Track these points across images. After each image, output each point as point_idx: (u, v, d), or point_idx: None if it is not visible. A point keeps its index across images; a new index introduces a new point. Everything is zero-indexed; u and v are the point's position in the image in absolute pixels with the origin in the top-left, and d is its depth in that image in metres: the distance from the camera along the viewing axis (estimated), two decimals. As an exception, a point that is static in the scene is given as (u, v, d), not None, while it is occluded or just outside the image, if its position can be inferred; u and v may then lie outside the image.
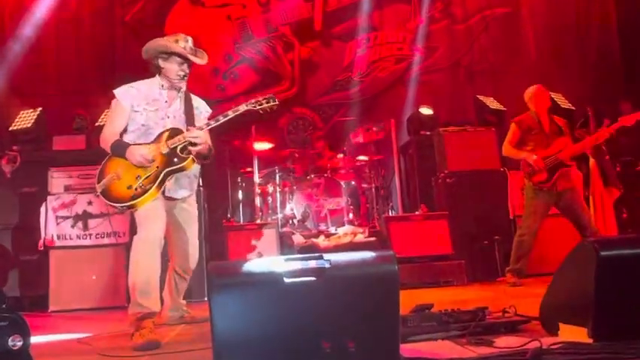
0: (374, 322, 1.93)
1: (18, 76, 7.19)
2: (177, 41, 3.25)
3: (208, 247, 5.37)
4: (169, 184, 3.19)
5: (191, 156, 3.11)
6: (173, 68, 3.25)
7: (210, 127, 3.18)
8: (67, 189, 5.36)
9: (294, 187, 6.24)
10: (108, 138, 3.16)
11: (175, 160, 3.09)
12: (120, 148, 3.10)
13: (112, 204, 3.08)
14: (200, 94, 7.76)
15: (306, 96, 8.08)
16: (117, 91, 3.24)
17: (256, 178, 6.27)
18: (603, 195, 5.82)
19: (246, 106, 3.19)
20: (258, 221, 5.94)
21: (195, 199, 3.49)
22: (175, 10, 7.93)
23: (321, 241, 5.45)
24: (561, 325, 2.25)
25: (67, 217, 5.22)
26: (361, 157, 6.79)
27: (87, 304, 5.07)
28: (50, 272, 5.11)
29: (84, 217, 5.24)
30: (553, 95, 5.59)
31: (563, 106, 6.65)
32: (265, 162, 6.69)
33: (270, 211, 6.35)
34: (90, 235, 5.22)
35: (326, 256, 2.03)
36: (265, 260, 2.01)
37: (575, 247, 2.19)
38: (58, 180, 5.38)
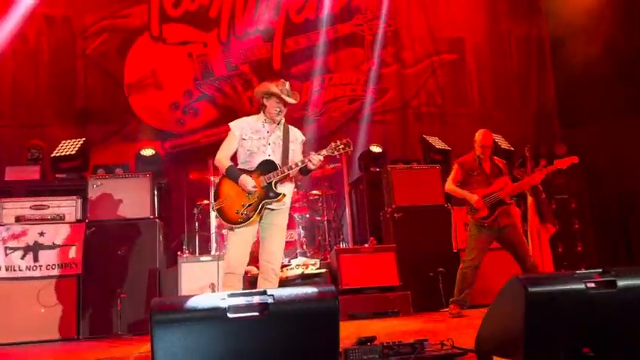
0: (315, 358, 1.90)
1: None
2: (277, 85, 3.77)
3: (160, 280, 5.23)
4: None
5: (283, 192, 3.62)
6: (272, 105, 3.75)
7: (298, 167, 3.58)
8: (19, 220, 5.14)
9: (249, 220, 6.17)
10: (223, 161, 3.75)
11: (271, 194, 3.61)
12: (234, 173, 3.67)
13: (224, 222, 3.70)
14: (159, 127, 7.76)
15: (264, 132, 8.07)
16: (231, 124, 3.85)
17: (212, 210, 6.17)
18: (540, 231, 6.00)
19: (327, 152, 3.56)
20: (213, 253, 5.83)
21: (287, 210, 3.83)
22: (137, 44, 7.87)
23: (274, 273, 5.38)
24: (495, 359, 2.27)
25: (17, 249, 4.99)
26: (315, 192, 6.80)
27: (36, 337, 4.81)
28: (-4, 304, 4.83)
29: (35, 249, 5.02)
30: (494, 136, 5.79)
31: (503, 147, 6.90)
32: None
33: (225, 244, 6.24)
34: (40, 266, 4.99)
35: (270, 291, 2.01)
36: (209, 295, 1.97)
37: (506, 282, 2.24)
38: (9, 211, 5.15)
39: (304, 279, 5.43)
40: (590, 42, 7.26)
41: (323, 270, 5.53)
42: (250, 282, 5.14)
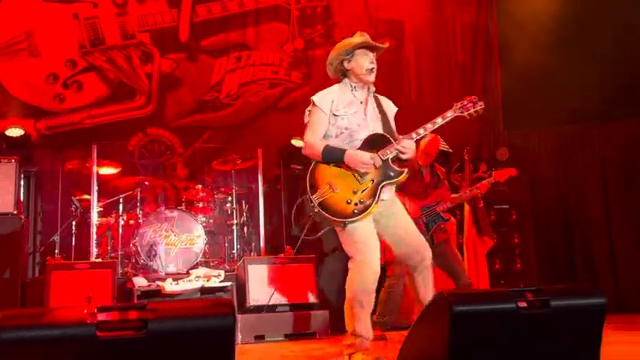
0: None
1: None
2: (353, 37, 3.58)
3: (24, 291, 4.98)
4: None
5: (406, 169, 3.43)
6: (361, 63, 3.50)
7: (419, 136, 3.47)
8: None
9: (141, 221, 5.99)
10: (316, 144, 3.43)
11: (391, 173, 3.39)
12: (335, 153, 3.37)
13: (332, 218, 3.34)
14: (31, 102, 7.39)
15: (164, 116, 7.88)
16: (315, 98, 3.53)
17: (94, 208, 5.94)
18: (476, 244, 6.26)
19: (454, 112, 3.46)
20: (93, 259, 5.60)
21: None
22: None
23: (168, 284, 5.25)
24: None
25: None
26: (223, 190, 6.70)
27: None
28: None
29: None
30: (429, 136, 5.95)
31: (441, 148, 7.11)
32: (107, 189, 6.38)
33: (109, 248, 6.03)
34: None
35: (153, 304, 1.94)
36: (73, 309, 1.87)
37: (431, 300, 2.30)
38: None
39: (205, 293, 5.33)
40: (539, 44, 7.65)
41: (228, 283, 5.46)
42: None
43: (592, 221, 7.57)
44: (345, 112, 3.48)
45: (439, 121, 3.49)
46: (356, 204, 3.32)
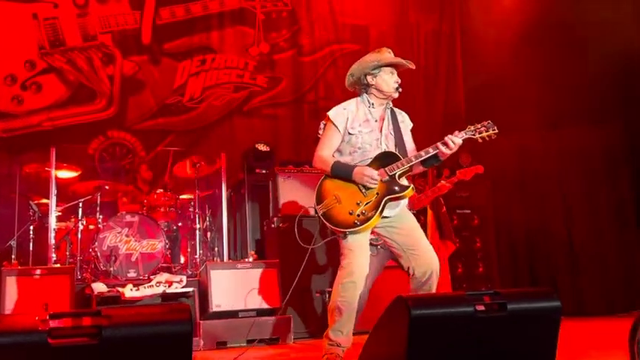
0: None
1: None
2: (380, 52, 3.64)
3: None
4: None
5: (412, 185, 3.47)
6: (387, 80, 3.60)
7: (429, 154, 3.46)
8: None
9: (101, 226, 5.88)
10: (327, 159, 3.54)
11: (396, 188, 3.44)
12: (344, 169, 3.48)
13: (333, 227, 3.46)
14: (-12, 105, 7.19)
15: (126, 119, 7.76)
16: (331, 114, 3.60)
17: (53, 212, 5.81)
18: (439, 248, 6.31)
19: (465, 134, 3.47)
20: (51, 265, 5.48)
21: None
22: (-39, -3, 7.28)
23: (128, 290, 5.17)
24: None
25: None
26: (185, 196, 6.64)
27: None
28: None
29: None
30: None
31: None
32: (66, 193, 6.25)
33: (67, 254, 5.90)
34: None
35: (107, 311, 1.91)
36: (24, 315, 1.83)
37: (390, 303, 2.32)
38: None
39: (166, 299, 5.27)
40: (503, 49, 7.79)
41: (190, 289, 5.40)
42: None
43: (553, 225, 7.71)
44: (360, 131, 3.55)
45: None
46: (358, 215, 3.41)
